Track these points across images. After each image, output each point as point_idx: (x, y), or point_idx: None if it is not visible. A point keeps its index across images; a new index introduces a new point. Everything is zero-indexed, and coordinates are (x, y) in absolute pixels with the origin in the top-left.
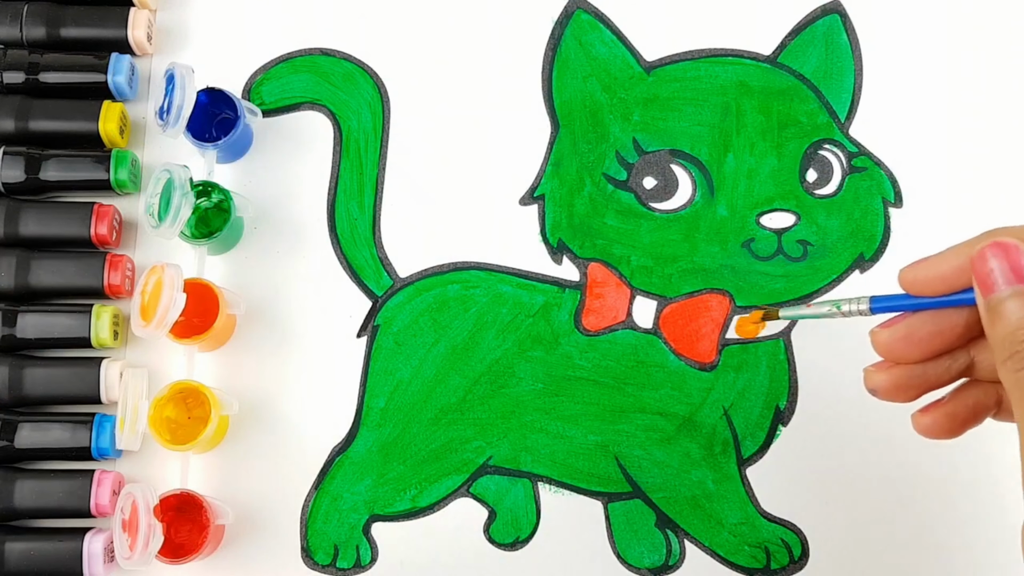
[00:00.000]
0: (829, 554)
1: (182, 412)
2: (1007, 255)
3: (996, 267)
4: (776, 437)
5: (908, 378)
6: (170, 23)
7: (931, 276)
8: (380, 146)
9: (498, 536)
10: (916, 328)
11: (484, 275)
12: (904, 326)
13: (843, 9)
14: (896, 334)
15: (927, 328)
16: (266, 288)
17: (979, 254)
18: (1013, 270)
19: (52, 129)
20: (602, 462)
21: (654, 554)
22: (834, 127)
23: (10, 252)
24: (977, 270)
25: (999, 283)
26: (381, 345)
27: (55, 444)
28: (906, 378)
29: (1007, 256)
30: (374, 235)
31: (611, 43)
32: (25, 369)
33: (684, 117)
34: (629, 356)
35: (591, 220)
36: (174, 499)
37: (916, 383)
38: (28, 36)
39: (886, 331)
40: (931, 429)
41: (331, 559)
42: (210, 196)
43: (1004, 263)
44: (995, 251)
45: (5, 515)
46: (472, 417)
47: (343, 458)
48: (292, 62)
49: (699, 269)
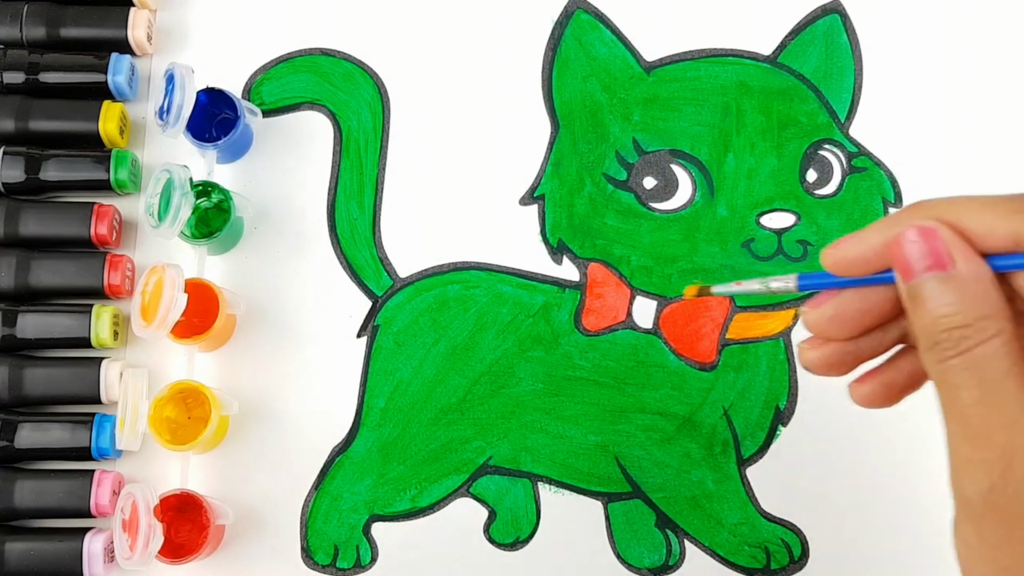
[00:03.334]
0: (829, 554)
1: (182, 412)
2: (925, 239)
3: (914, 252)
4: (776, 437)
5: (841, 354)
6: (170, 23)
7: (853, 256)
8: (380, 146)
9: (498, 536)
10: (844, 307)
11: (484, 275)
12: (831, 305)
13: (843, 9)
14: (825, 314)
15: (855, 306)
16: (266, 288)
17: (896, 239)
18: (932, 255)
19: (52, 129)
20: (602, 462)
21: (654, 554)
22: (834, 127)
23: (10, 252)
24: (895, 255)
25: (917, 269)
26: (381, 345)
27: (55, 444)
28: (839, 354)
29: (925, 240)
30: (374, 235)
31: (611, 43)
32: (25, 369)
33: (684, 117)
34: (629, 356)
35: (591, 220)
36: (174, 499)
37: (849, 359)
38: (28, 36)
39: (814, 311)
40: (869, 399)
41: (331, 559)
42: (210, 196)
43: (923, 247)
44: (913, 235)
45: (5, 515)
46: (472, 417)
47: (343, 458)
48: (292, 62)
49: (699, 269)
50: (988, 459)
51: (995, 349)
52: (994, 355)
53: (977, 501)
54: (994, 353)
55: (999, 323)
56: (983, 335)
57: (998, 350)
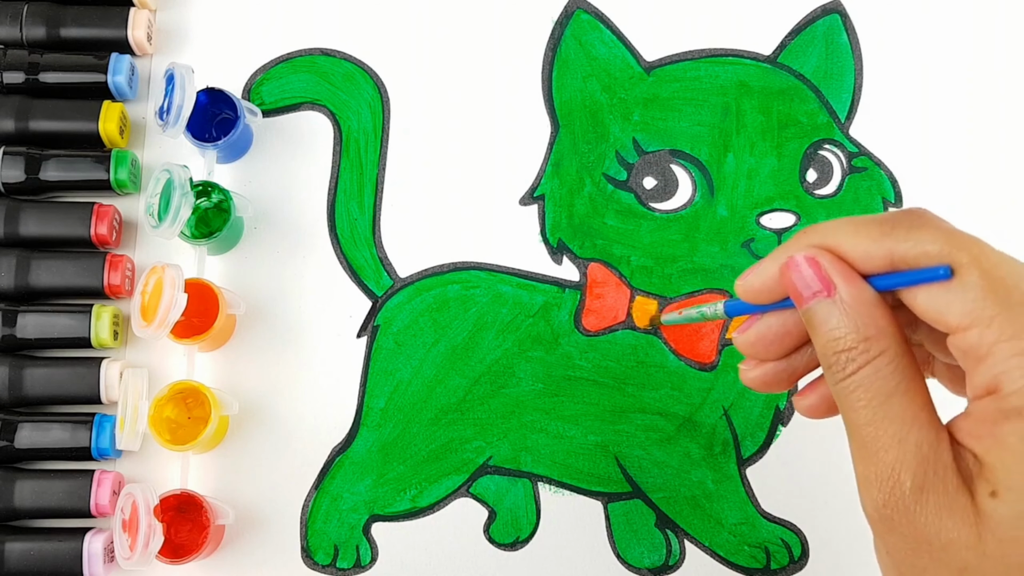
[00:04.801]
0: (829, 554)
1: (182, 412)
2: (809, 266)
3: (800, 280)
4: (776, 437)
5: (775, 373)
6: (170, 23)
7: (758, 285)
8: (380, 146)
9: (498, 536)
10: (765, 330)
11: (484, 275)
12: (754, 331)
13: (843, 9)
14: (749, 338)
15: (774, 330)
16: (266, 288)
17: (783, 268)
18: (818, 278)
19: (52, 129)
20: (602, 462)
21: (654, 554)
22: (834, 127)
23: (10, 252)
24: (786, 283)
25: (806, 296)
26: (381, 345)
27: (55, 444)
28: (773, 373)
29: (809, 267)
30: (374, 235)
31: (611, 43)
32: (25, 369)
33: (684, 117)
34: (629, 356)
35: (591, 220)
36: (174, 499)
37: (785, 376)
38: (28, 36)
39: (741, 336)
40: (811, 410)
41: (331, 559)
42: (210, 196)
43: (807, 272)
44: (797, 263)
45: (5, 515)
46: (472, 417)
47: (343, 458)
48: (292, 62)
49: (699, 269)
50: (880, 475)
51: (879, 368)
52: (879, 374)
53: (875, 516)
54: (879, 373)
55: (883, 342)
56: (868, 356)
57: (882, 369)
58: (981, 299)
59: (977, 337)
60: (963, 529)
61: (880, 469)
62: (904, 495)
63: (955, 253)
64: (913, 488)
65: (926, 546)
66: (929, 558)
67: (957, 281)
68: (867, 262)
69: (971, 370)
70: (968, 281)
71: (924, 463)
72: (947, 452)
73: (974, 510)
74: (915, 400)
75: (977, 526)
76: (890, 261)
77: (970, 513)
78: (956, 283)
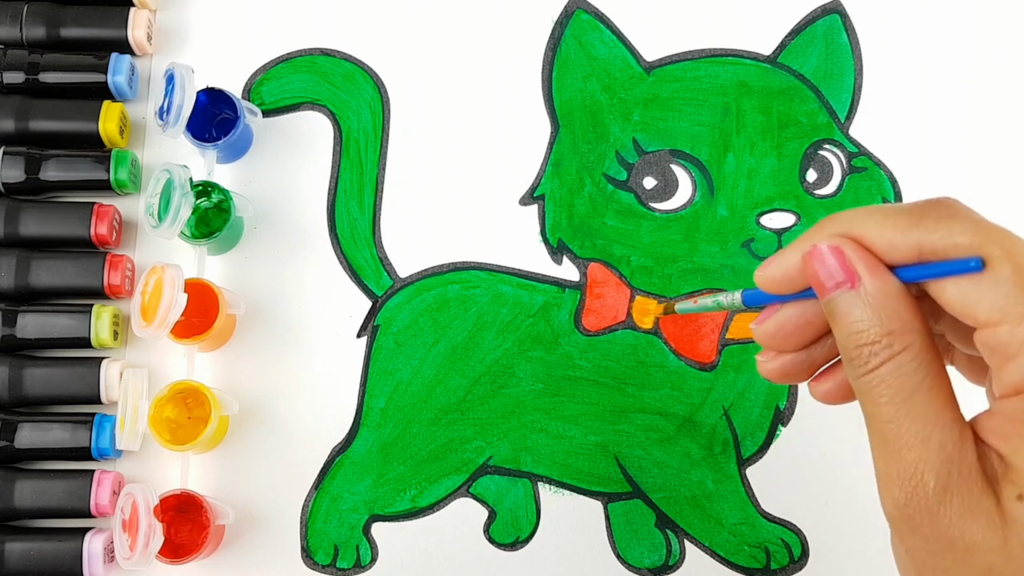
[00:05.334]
0: (829, 554)
1: (182, 412)
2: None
3: (823, 270)
4: (776, 437)
5: (794, 364)
6: (170, 23)
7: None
8: (380, 146)
9: (498, 536)
10: (784, 321)
11: (484, 275)
12: (774, 322)
13: (843, 9)
14: (768, 329)
15: (794, 321)
16: (266, 288)
17: (806, 257)
18: (842, 269)
19: (52, 129)
20: (602, 462)
21: (654, 554)
22: (834, 127)
23: (10, 252)
24: (808, 273)
25: (828, 286)
26: (381, 345)
27: (55, 444)
28: (792, 364)
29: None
30: (374, 235)
31: (611, 43)
32: (25, 369)
33: (684, 117)
34: (629, 356)
35: (591, 220)
36: (174, 499)
37: (804, 367)
38: (28, 36)
39: (760, 327)
40: (827, 396)
41: (331, 559)
42: (210, 196)
43: (831, 263)
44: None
45: (5, 515)
46: (472, 417)
47: (343, 458)
48: (292, 62)
49: (699, 269)
50: (902, 474)
51: (903, 364)
52: (902, 370)
53: (896, 515)
54: (902, 368)
55: (908, 337)
56: (892, 350)
57: (906, 365)
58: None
59: (1008, 334)
60: (988, 532)
61: (902, 468)
62: (927, 495)
63: (987, 245)
64: (937, 489)
65: (949, 547)
66: (952, 559)
67: (989, 274)
68: (893, 252)
69: (999, 367)
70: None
71: (948, 463)
72: (971, 452)
73: (999, 513)
74: (939, 397)
75: (1003, 529)
76: (918, 252)
77: (995, 516)
78: (987, 276)
